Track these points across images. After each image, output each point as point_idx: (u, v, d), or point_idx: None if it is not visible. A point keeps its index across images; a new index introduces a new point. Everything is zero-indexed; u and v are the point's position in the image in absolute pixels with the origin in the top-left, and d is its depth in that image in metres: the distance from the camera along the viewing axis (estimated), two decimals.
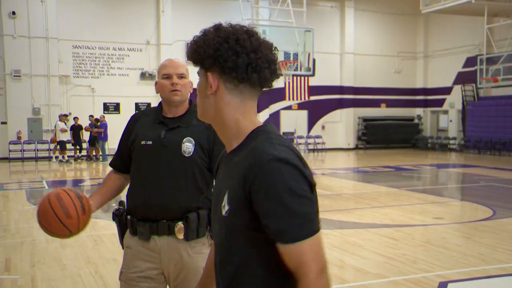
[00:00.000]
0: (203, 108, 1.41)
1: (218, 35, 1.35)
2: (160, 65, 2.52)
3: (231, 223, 1.30)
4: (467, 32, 22.71)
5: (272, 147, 1.27)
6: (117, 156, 2.56)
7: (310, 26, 17.27)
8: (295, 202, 1.21)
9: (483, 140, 21.15)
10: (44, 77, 18.95)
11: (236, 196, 1.28)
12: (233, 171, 1.32)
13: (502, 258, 5.48)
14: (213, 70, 1.34)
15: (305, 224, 1.21)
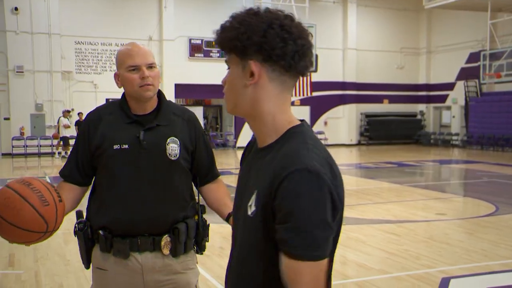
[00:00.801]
0: (237, 101, 1.28)
1: (260, 20, 1.22)
2: (120, 52, 2.08)
3: (255, 225, 1.24)
4: (470, 27, 22.63)
5: (307, 154, 1.18)
6: (71, 166, 2.10)
7: (313, 22, 17.23)
8: (312, 220, 1.13)
9: (486, 136, 21.10)
10: (46, 73, 18.97)
11: (263, 199, 1.21)
12: (264, 171, 1.24)
13: (504, 254, 5.48)
14: (256, 58, 1.22)
15: (312, 246, 1.13)
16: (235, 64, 1.26)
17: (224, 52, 1.29)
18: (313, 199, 1.14)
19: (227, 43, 1.25)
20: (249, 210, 1.25)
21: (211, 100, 24.61)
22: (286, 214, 1.14)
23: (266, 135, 1.29)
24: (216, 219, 2.09)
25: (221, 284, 4.50)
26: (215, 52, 21.53)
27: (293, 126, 1.28)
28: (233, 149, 22.15)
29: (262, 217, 1.21)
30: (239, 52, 1.23)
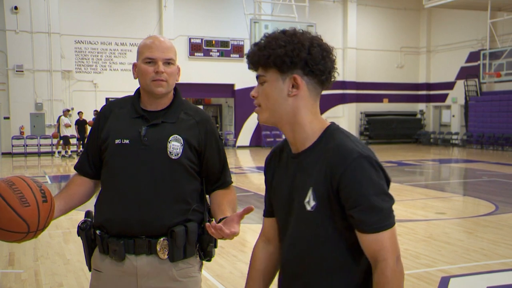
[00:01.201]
0: (276, 111, 1.46)
1: (303, 39, 1.42)
2: (141, 43, 2.01)
3: (319, 217, 1.43)
4: (470, 26, 22.63)
5: (354, 145, 1.41)
6: (83, 158, 2.08)
7: (313, 21, 17.23)
8: (378, 197, 1.37)
9: (486, 135, 21.10)
10: (46, 72, 18.97)
11: (324, 191, 1.40)
12: (314, 170, 1.43)
13: (504, 253, 5.48)
14: (298, 73, 1.43)
15: (384, 217, 1.37)
16: (274, 78, 1.44)
17: (261, 67, 1.46)
18: (373, 180, 1.37)
19: (273, 60, 1.41)
20: (308, 206, 1.43)
21: (211, 99, 24.62)
22: (356, 199, 1.36)
23: (304, 140, 1.47)
24: None
25: (220, 283, 4.51)
26: (215, 51, 21.52)
27: (327, 126, 1.48)
28: (233, 148, 22.15)
29: (325, 208, 1.41)
30: (285, 67, 1.42)
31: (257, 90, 1.48)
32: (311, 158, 1.45)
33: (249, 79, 23.57)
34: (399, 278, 1.39)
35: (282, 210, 1.56)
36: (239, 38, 21.47)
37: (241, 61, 21.29)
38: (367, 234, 1.38)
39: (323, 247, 1.45)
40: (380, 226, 1.37)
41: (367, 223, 1.37)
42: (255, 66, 1.48)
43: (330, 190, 1.39)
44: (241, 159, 18.34)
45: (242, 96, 22.20)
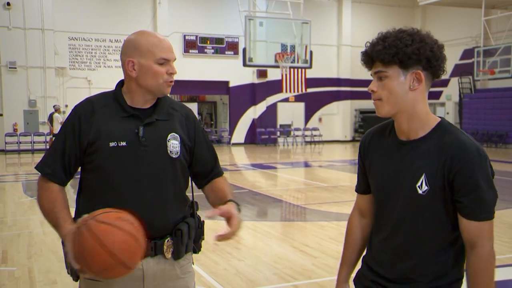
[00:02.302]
0: (397, 104, 1.61)
1: (424, 37, 1.60)
2: (145, 40, 1.87)
3: (430, 200, 1.59)
4: (464, 24, 22.70)
5: (472, 142, 1.58)
6: (54, 162, 1.88)
7: (308, 18, 17.21)
8: (488, 190, 1.57)
9: (480, 132, 21.19)
10: (40, 69, 18.87)
11: (438, 178, 1.57)
12: (428, 157, 1.59)
13: (498, 249, 5.48)
14: (419, 69, 1.59)
15: (489, 209, 1.59)
16: (396, 74, 1.59)
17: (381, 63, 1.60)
18: (487, 175, 1.57)
19: (401, 57, 1.56)
20: (419, 190, 1.59)
21: (206, 97, 24.58)
22: (470, 189, 1.55)
23: (419, 129, 1.62)
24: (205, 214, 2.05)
25: (214, 279, 4.51)
26: (209, 48, 21.48)
27: (440, 120, 1.65)
28: (228, 145, 22.14)
29: (436, 193, 1.58)
30: (410, 63, 1.57)
31: (376, 85, 1.63)
32: (425, 146, 1.61)
33: (244, 76, 23.62)
34: (493, 263, 1.61)
35: (387, 190, 1.69)
36: (234, 35, 21.44)
37: (236, 58, 21.26)
38: (472, 221, 1.57)
39: (428, 229, 1.62)
40: (485, 216, 1.58)
41: (475, 212, 1.56)
42: (372, 63, 1.63)
43: (446, 178, 1.56)
44: (236, 156, 18.33)
45: (237, 93, 22.19)
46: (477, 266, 1.59)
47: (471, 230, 1.59)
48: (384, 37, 1.61)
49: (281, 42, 16.19)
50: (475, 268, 1.60)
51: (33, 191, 9.91)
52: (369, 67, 1.66)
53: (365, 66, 1.68)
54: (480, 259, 1.59)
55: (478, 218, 1.58)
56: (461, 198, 1.57)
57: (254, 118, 22.48)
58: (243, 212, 8.09)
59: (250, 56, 15.55)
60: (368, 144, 1.81)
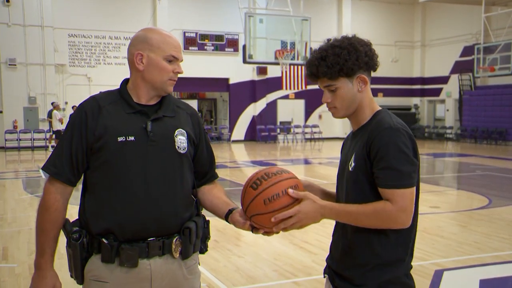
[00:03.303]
0: (350, 107, 1.81)
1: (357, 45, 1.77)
2: (156, 35, 1.88)
3: (356, 176, 1.76)
4: (464, 21, 22.67)
5: (390, 120, 1.74)
6: (62, 161, 1.84)
7: (307, 15, 17.19)
8: (398, 160, 1.67)
9: (480, 129, 21.19)
10: (39, 66, 18.85)
11: (361, 155, 1.75)
12: (360, 140, 1.78)
13: (497, 246, 5.52)
14: (362, 72, 1.79)
15: (401, 178, 1.67)
16: (344, 83, 1.78)
17: (329, 78, 1.76)
18: (397, 146, 1.67)
19: (345, 71, 1.75)
20: (350, 167, 1.79)
21: (206, 94, 24.56)
22: (379, 159, 1.68)
23: (363, 120, 1.83)
24: (210, 213, 2.05)
25: (214, 276, 4.52)
26: (209, 45, 21.46)
27: (378, 109, 1.84)
28: (228, 142, 22.14)
29: (361, 168, 1.74)
30: (353, 73, 1.76)
31: (329, 96, 1.80)
32: (362, 133, 1.81)
33: (244, 73, 23.58)
34: (388, 219, 1.68)
35: (339, 175, 1.91)
36: (234, 32, 21.41)
37: (235, 55, 21.24)
38: (385, 189, 1.68)
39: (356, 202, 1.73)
40: (394, 184, 1.67)
41: (385, 180, 1.68)
42: (319, 79, 1.79)
43: (366, 153, 1.73)
44: (236, 153, 18.34)
45: (237, 90, 22.17)
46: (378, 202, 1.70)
47: (385, 197, 1.69)
48: (322, 56, 1.76)
49: (281, 39, 16.17)
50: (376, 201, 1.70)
51: (33, 188, 9.91)
52: (315, 81, 1.83)
53: (311, 81, 1.84)
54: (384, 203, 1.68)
55: (388, 186, 1.68)
56: (374, 169, 1.71)
57: (254, 115, 22.47)
58: None
59: (250, 53, 15.53)
60: (344, 143, 2.01)
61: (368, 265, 1.76)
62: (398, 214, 1.68)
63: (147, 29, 1.94)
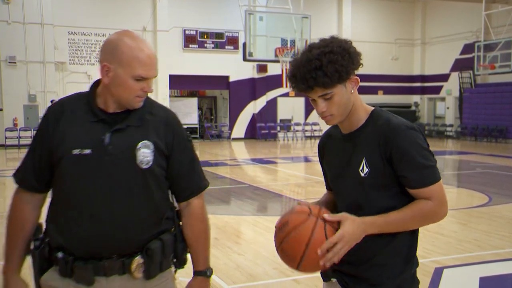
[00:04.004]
0: (348, 110, 1.74)
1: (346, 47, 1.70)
2: (129, 52, 1.68)
3: (373, 180, 1.71)
4: (465, 18, 22.63)
5: (399, 119, 1.72)
6: (25, 167, 1.81)
7: (307, 13, 17.17)
8: (424, 157, 1.67)
9: (480, 127, 21.19)
10: (39, 64, 18.84)
11: (376, 159, 1.70)
12: (366, 142, 1.73)
13: (497, 244, 5.52)
14: (353, 74, 1.72)
15: (431, 173, 1.68)
16: (340, 89, 1.69)
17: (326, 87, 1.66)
18: (418, 145, 1.68)
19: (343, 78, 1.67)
20: (362, 173, 1.72)
21: (206, 91, 24.54)
22: (407, 162, 1.66)
23: (357, 121, 1.77)
24: (210, 210, 2.05)
25: (215, 274, 4.51)
26: (209, 43, 21.44)
27: (373, 109, 1.79)
28: (228, 140, 22.14)
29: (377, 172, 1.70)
30: (348, 75, 1.68)
31: (325, 105, 1.71)
32: (363, 135, 1.75)
33: (244, 71, 23.56)
34: (434, 216, 1.74)
35: (339, 181, 1.84)
36: (234, 30, 21.39)
37: (236, 53, 21.22)
38: (421, 189, 1.67)
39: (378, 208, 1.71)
40: (430, 180, 1.68)
41: (420, 181, 1.67)
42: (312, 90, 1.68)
43: (383, 156, 1.69)
44: (236, 151, 18.34)
45: (237, 88, 22.15)
46: (419, 203, 1.69)
47: (422, 196, 1.69)
48: (317, 66, 1.63)
49: (281, 37, 16.15)
50: (416, 202, 1.70)
51: None
52: (305, 92, 1.70)
53: (298, 91, 1.70)
54: (426, 203, 1.69)
55: (425, 184, 1.67)
56: (403, 173, 1.67)
57: (254, 113, 22.46)
58: (243, 207, 8.14)
59: (250, 51, 15.52)
60: (323, 145, 1.95)
61: (387, 265, 1.74)
62: (441, 209, 1.73)
63: (120, 35, 1.73)
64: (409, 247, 1.79)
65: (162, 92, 20.59)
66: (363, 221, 1.66)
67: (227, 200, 8.51)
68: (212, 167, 13.00)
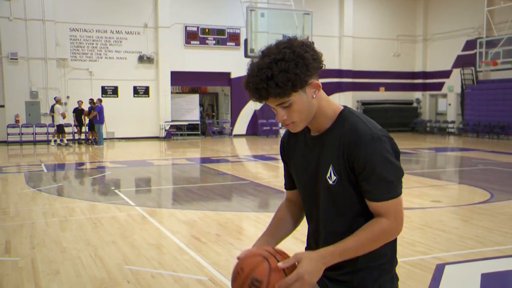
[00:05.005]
0: (309, 116, 1.67)
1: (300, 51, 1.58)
2: None
3: (341, 189, 1.68)
4: (467, 15, 22.57)
5: (366, 127, 1.65)
6: None
7: (309, 9, 17.14)
8: (387, 171, 1.62)
9: (482, 123, 21.15)
10: (41, 60, 18.84)
11: (342, 167, 1.66)
12: (332, 148, 1.68)
13: (498, 240, 5.52)
14: (312, 80, 1.62)
15: (391, 189, 1.63)
16: (298, 95, 1.61)
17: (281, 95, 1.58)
18: (383, 157, 1.61)
19: (299, 86, 1.58)
20: (330, 180, 1.69)
21: (207, 88, 24.53)
22: (368, 174, 1.61)
23: (324, 124, 1.71)
24: (212, 206, 2.05)
25: (217, 270, 4.53)
26: (211, 39, 21.41)
27: (341, 110, 1.73)
28: (229, 137, 22.13)
29: (345, 180, 1.66)
30: (304, 83, 1.60)
31: (284, 113, 1.64)
32: (330, 138, 1.70)
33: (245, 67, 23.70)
34: (385, 234, 1.66)
35: (305, 184, 1.80)
36: (235, 26, 21.36)
37: (237, 49, 21.21)
38: (375, 202, 1.63)
39: (348, 214, 1.70)
40: (386, 197, 1.62)
41: (376, 194, 1.62)
42: (268, 99, 1.62)
43: (347, 165, 1.64)
44: (238, 148, 18.34)
45: (239, 84, 22.08)
46: (372, 224, 1.65)
47: (377, 209, 1.65)
48: (268, 76, 1.55)
49: (283, 33, 16.10)
50: (370, 224, 1.65)
51: (35, 182, 9.93)
52: (263, 102, 1.65)
53: (255, 101, 1.67)
54: (379, 223, 1.64)
55: (380, 199, 1.63)
56: (361, 183, 1.64)
57: (255, 109, 22.45)
58: (245, 204, 8.16)
59: (251, 47, 15.51)
60: (286, 144, 1.89)
61: (369, 268, 1.72)
62: (396, 227, 1.66)
63: None
64: (390, 249, 1.77)
65: (164, 89, 20.59)
66: (321, 255, 1.61)
67: (228, 197, 8.52)
68: (213, 164, 13.00)
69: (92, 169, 12.38)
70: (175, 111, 21.58)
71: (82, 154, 16.07)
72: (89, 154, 15.92)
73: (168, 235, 5.76)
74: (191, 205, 7.41)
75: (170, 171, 12.33)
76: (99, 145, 17.89)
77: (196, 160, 14.43)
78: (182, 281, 4.25)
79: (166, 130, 20.72)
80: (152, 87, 20.59)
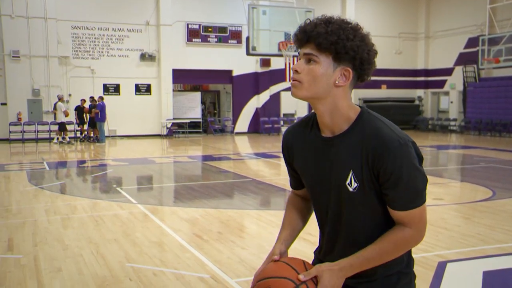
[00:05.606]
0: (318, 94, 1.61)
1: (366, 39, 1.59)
2: None
3: (361, 196, 1.58)
4: (469, 12, 22.51)
5: (392, 132, 1.55)
6: None
7: (311, 7, 17.11)
8: (413, 179, 1.54)
9: (484, 121, 21.12)
10: (43, 58, 18.86)
11: (366, 175, 1.56)
12: (351, 153, 1.57)
13: (500, 238, 5.52)
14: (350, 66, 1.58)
15: (416, 198, 1.57)
16: (327, 63, 1.53)
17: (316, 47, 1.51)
18: (410, 164, 1.53)
19: (339, 48, 1.50)
20: (349, 187, 1.59)
21: (209, 86, 24.53)
22: (394, 182, 1.52)
23: (340, 125, 1.60)
24: (214, 204, 2.05)
25: (218, 268, 4.54)
26: (212, 37, 21.40)
27: (360, 111, 1.62)
28: (231, 134, 22.14)
29: (367, 188, 1.56)
30: (344, 58, 1.52)
31: (303, 67, 1.55)
32: (347, 141, 1.59)
33: (247, 65, 23.52)
34: (407, 243, 1.59)
35: (319, 189, 1.69)
36: (237, 24, 21.34)
37: (239, 47, 21.19)
38: (400, 211, 1.56)
39: (368, 222, 1.62)
40: (411, 206, 1.56)
41: (401, 204, 1.55)
42: (306, 43, 1.53)
43: (371, 172, 1.54)
44: (239, 146, 18.34)
45: (240, 82, 22.13)
46: (395, 234, 1.58)
47: (400, 218, 1.58)
48: (327, 21, 1.53)
49: (285, 31, 16.14)
50: (392, 233, 1.59)
51: (37, 180, 9.95)
52: (300, 46, 1.57)
53: (296, 44, 1.58)
54: (402, 233, 1.58)
55: (405, 208, 1.56)
56: (386, 191, 1.55)
57: (257, 107, 22.44)
58: (247, 201, 8.16)
59: (253, 45, 15.51)
60: (291, 144, 1.75)
61: (392, 275, 1.67)
62: (420, 234, 1.61)
63: None
64: (408, 253, 1.71)
65: (166, 87, 20.59)
66: (341, 267, 1.57)
67: (230, 195, 8.52)
68: (215, 162, 13.01)
69: (94, 167, 12.39)
70: (176, 109, 21.59)
71: (84, 152, 16.09)
72: (91, 152, 15.94)
73: (169, 233, 5.77)
74: (193, 203, 7.42)
75: (171, 169, 12.34)
76: (100, 143, 17.92)
77: (198, 158, 14.44)
78: (184, 279, 4.26)
79: (168, 128, 20.73)
80: (154, 85, 20.59)
